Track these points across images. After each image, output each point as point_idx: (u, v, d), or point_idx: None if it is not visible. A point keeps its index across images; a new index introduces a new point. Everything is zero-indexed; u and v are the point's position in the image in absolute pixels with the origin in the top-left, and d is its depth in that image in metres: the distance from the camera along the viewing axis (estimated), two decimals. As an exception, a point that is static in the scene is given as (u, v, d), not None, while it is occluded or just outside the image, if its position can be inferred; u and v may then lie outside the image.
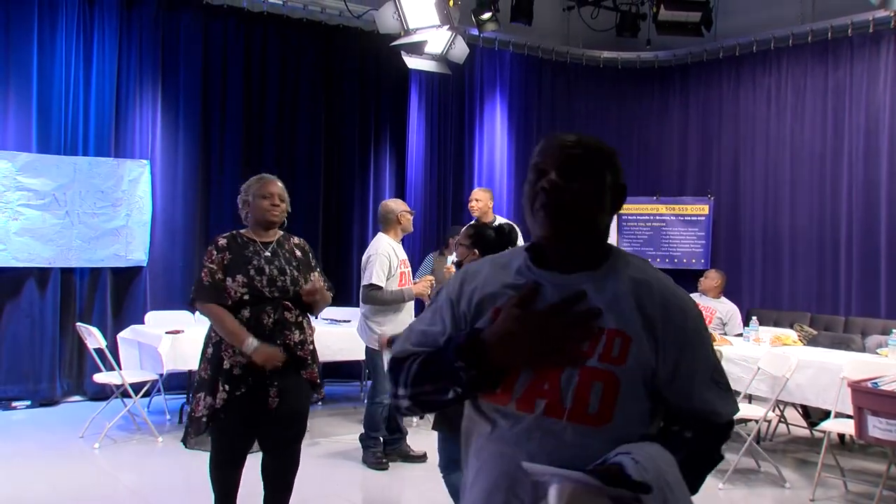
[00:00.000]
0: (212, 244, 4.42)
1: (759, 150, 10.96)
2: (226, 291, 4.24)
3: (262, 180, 4.52)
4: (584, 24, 11.08)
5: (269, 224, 4.45)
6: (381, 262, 6.55)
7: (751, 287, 10.83)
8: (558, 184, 1.89)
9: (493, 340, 1.84)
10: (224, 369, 4.20)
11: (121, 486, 6.13)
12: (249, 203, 4.46)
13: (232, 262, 4.28)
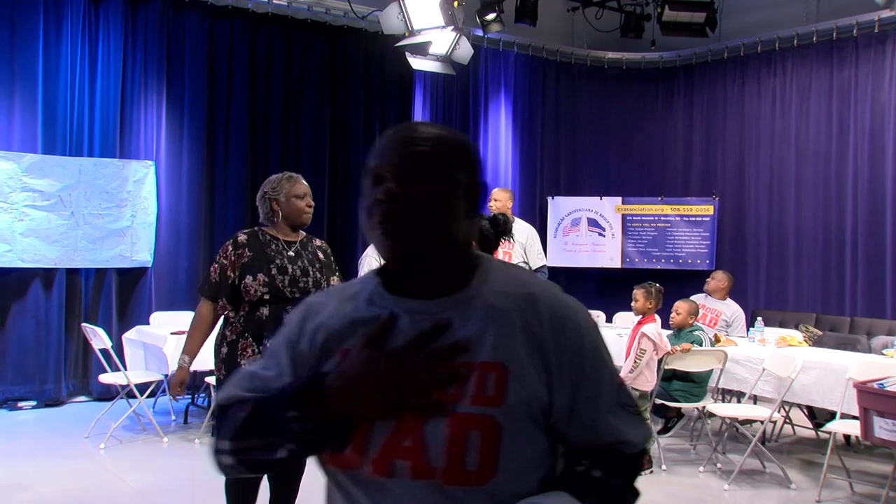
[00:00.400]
0: (231, 240, 4.33)
1: (763, 150, 10.97)
2: (245, 290, 4.14)
3: (293, 180, 4.43)
4: (588, 24, 11.10)
5: (302, 225, 4.40)
6: (368, 263, 6.62)
7: (756, 288, 10.85)
8: (396, 193, 1.53)
9: (335, 386, 1.46)
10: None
11: (126, 487, 6.13)
12: (280, 202, 4.35)
13: (253, 260, 4.20)
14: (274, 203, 4.37)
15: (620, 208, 11.57)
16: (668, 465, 6.69)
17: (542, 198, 11.62)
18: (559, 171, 11.93)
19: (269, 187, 4.42)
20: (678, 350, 6.66)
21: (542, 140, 11.81)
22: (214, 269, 4.23)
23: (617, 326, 8.66)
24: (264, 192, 4.43)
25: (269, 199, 4.39)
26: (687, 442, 7.53)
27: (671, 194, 11.57)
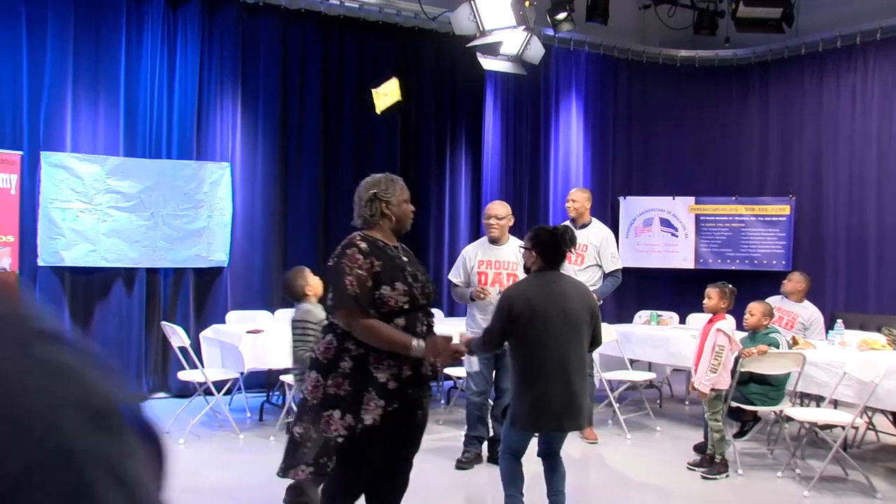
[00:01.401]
0: (351, 247, 3.98)
1: (842, 148, 10.79)
2: (383, 301, 3.87)
3: (399, 183, 4.28)
4: (660, 22, 11.03)
5: (406, 230, 4.28)
6: (458, 261, 6.79)
7: (834, 289, 10.67)
8: None
9: None
10: (378, 382, 3.80)
11: (204, 481, 6.25)
12: (392, 205, 4.19)
13: (386, 269, 3.94)
14: (385, 206, 4.18)
15: (693, 208, 11.48)
16: (744, 469, 6.63)
17: (613, 198, 11.58)
18: (631, 171, 11.88)
19: (378, 189, 4.21)
20: (754, 352, 6.59)
21: (614, 140, 11.76)
22: (350, 281, 3.84)
23: (690, 328, 8.60)
24: (374, 194, 4.19)
25: (381, 201, 4.18)
26: (764, 446, 7.44)
27: (746, 194, 11.44)
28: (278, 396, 8.40)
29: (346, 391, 3.80)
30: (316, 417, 3.86)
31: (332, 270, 3.95)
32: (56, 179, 8.43)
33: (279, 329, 7.85)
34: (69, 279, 8.60)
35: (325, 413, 3.80)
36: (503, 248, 6.76)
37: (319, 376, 3.88)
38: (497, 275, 6.64)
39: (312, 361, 4.00)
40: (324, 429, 3.82)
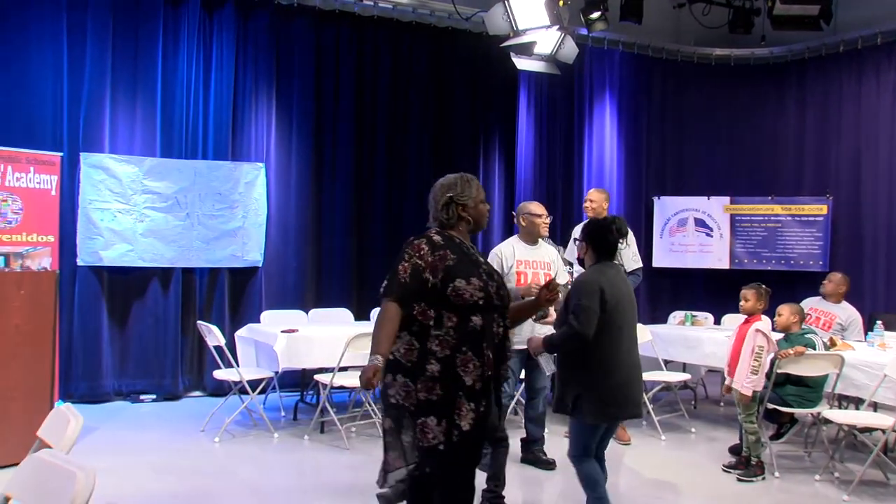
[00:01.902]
0: (421, 238, 3.95)
1: (882, 147, 10.70)
2: (457, 294, 3.79)
3: (475, 183, 4.16)
4: (695, 21, 10.99)
5: (481, 229, 4.22)
6: (490, 260, 6.57)
7: (873, 290, 10.57)
8: None
9: None
10: (466, 385, 3.74)
11: (240, 480, 6.32)
12: (469, 207, 4.08)
13: (461, 263, 3.87)
14: (461, 208, 4.07)
15: (729, 208, 11.43)
16: (780, 472, 6.60)
17: (647, 198, 11.56)
18: (665, 171, 11.85)
19: (454, 192, 4.09)
20: (791, 353, 6.53)
21: (648, 139, 11.74)
22: (405, 268, 3.82)
23: (726, 329, 8.56)
24: (450, 197, 4.07)
25: (458, 204, 4.07)
26: (801, 449, 7.39)
27: (782, 193, 11.37)
28: (312, 396, 8.44)
29: (437, 396, 3.73)
30: (414, 424, 3.76)
31: (397, 257, 3.90)
32: (94, 180, 8.55)
33: (314, 329, 7.93)
34: (107, 279, 8.72)
35: (420, 420, 3.72)
36: (540, 248, 6.73)
37: (408, 380, 3.78)
38: (535, 275, 6.57)
39: (393, 363, 3.83)
40: (420, 437, 3.72)
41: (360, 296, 9.78)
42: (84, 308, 8.59)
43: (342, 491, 6.07)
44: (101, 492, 2.74)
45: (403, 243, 3.95)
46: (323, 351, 7.38)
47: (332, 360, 7.16)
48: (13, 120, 8.25)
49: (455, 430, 3.68)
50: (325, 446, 7.21)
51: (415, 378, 3.75)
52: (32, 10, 8.39)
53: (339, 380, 7.26)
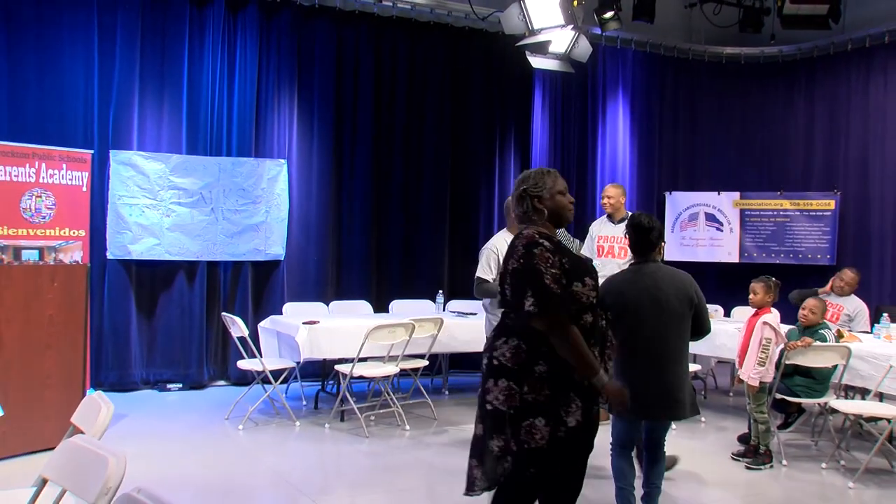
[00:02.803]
0: (537, 245, 3.66)
1: (889, 144, 10.69)
2: (577, 297, 3.64)
3: (553, 174, 3.94)
4: (706, 20, 10.99)
5: (567, 222, 3.98)
6: (487, 256, 6.48)
7: (880, 283, 10.56)
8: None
9: None
10: (576, 383, 3.59)
11: (262, 466, 6.38)
12: (544, 199, 3.87)
13: (573, 264, 3.68)
14: (536, 201, 3.86)
15: (738, 203, 11.42)
16: (788, 460, 6.63)
17: (659, 193, 11.56)
18: (677, 167, 11.85)
19: (528, 184, 3.92)
20: (799, 345, 6.55)
21: (660, 136, 11.74)
22: (550, 279, 3.55)
23: (735, 321, 8.57)
24: (523, 190, 3.91)
25: (531, 196, 3.88)
26: (808, 438, 7.43)
27: (791, 189, 11.36)
28: (332, 385, 8.48)
29: (545, 396, 3.56)
30: (515, 427, 3.56)
31: (522, 273, 3.62)
32: (123, 177, 8.62)
33: (334, 320, 7.98)
34: (135, 272, 8.80)
35: (526, 422, 3.54)
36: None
37: (512, 383, 3.59)
38: None
39: (496, 369, 3.65)
40: (526, 439, 3.54)
41: (378, 288, 9.84)
42: (113, 300, 8.66)
43: (362, 477, 6.14)
44: (130, 476, 2.79)
45: (516, 249, 3.68)
46: (343, 342, 7.42)
47: (352, 350, 7.21)
48: (47, 119, 8.33)
49: (561, 428, 3.54)
50: (345, 434, 7.26)
51: (520, 380, 3.57)
52: (65, 15, 8.47)
53: (359, 370, 7.32)
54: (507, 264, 3.71)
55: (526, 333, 3.59)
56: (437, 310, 8.93)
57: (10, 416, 4.54)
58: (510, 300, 3.66)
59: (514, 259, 3.65)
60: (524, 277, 3.59)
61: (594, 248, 7.82)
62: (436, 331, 7.69)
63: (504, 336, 3.67)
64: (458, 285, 10.11)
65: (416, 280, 9.92)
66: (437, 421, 7.80)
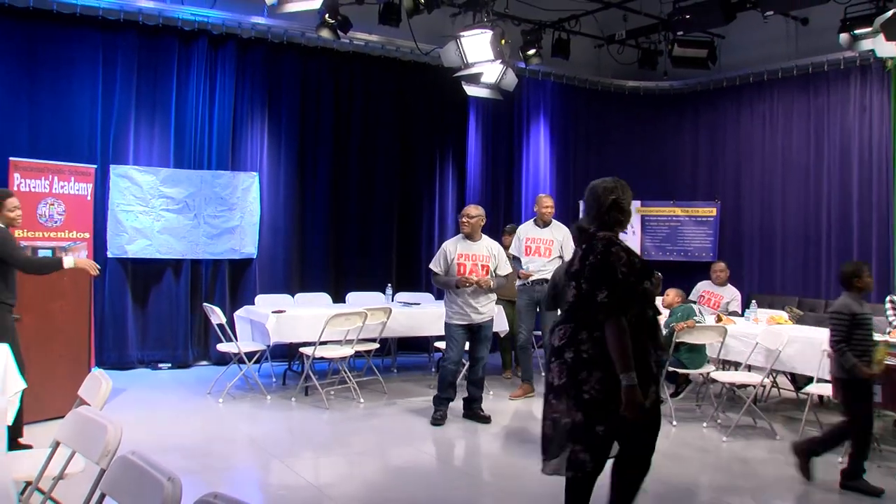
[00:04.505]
0: (613, 245, 3.59)
1: (756, 162, 11.04)
2: (648, 295, 3.61)
3: (629, 188, 3.82)
4: (612, 58, 11.13)
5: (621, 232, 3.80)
6: (439, 254, 6.81)
7: (750, 275, 10.89)
8: None
9: None
10: (650, 369, 3.56)
11: (239, 433, 6.42)
12: (625, 209, 3.76)
13: (643, 265, 3.63)
14: (620, 211, 3.75)
15: (640, 210, 11.61)
16: (677, 422, 6.84)
17: (574, 202, 11.68)
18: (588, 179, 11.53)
19: (616, 195, 3.75)
20: (685, 326, 6.80)
21: (575, 153, 11.82)
22: (621, 277, 3.51)
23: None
24: (614, 200, 3.74)
25: (619, 205, 3.75)
26: (693, 403, 7.66)
27: (681, 198, 11.59)
28: (298, 365, 8.46)
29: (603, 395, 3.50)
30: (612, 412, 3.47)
31: (599, 268, 3.55)
32: (121, 187, 8.57)
33: (298, 310, 8.00)
34: (131, 268, 8.75)
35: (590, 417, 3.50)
36: (478, 244, 6.81)
37: (604, 373, 3.49)
38: (473, 265, 6.70)
39: (587, 361, 3.54)
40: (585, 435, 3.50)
41: (336, 282, 9.81)
42: (112, 292, 8.62)
43: (323, 441, 6.21)
44: (127, 441, 2.84)
45: (595, 248, 3.61)
46: (306, 328, 7.42)
47: (314, 335, 7.23)
48: (58, 138, 8.30)
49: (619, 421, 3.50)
50: (308, 406, 7.29)
51: (610, 370, 3.47)
52: (76, 52, 8.45)
53: (320, 352, 7.36)
54: (585, 261, 3.62)
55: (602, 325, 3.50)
56: (387, 300, 8.92)
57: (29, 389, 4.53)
58: (585, 292, 3.58)
59: (592, 256, 3.58)
60: (601, 273, 3.53)
61: (522, 248, 7.94)
62: (385, 318, 7.70)
63: (585, 329, 3.57)
64: (405, 279, 10.21)
65: (368, 275, 9.90)
66: (388, 394, 7.85)
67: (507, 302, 8.41)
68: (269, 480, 5.30)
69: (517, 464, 5.69)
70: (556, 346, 3.69)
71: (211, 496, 1.96)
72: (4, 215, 5.28)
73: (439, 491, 5.08)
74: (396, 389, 8.11)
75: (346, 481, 5.23)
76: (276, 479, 5.27)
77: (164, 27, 8.83)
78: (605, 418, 3.50)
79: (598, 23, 10.55)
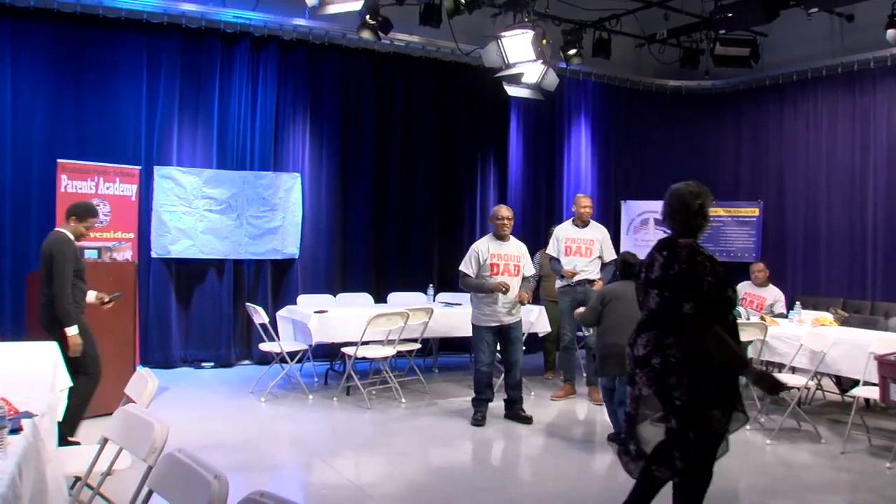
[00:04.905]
0: (698, 254, 3.57)
1: (799, 162, 10.86)
2: (729, 304, 3.60)
3: (709, 191, 3.80)
4: (653, 57, 11.04)
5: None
6: (470, 255, 6.76)
7: (793, 276, 10.71)
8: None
9: None
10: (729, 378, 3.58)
11: (280, 432, 6.48)
12: (707, 215, 3.75)
13: (725, 273, 3.58)
14: (703, 218, 3.73)
15: (681, 210, 11.48)
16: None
17: (615, 201, 11.62)
18: (629, 179, 11.86)
19: (703, 200, 3.73)
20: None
21: (616, 153, 11.75)
22: (707, 287, 3.49)
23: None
24: (700, 204, 3.71)
25: (705, 211, 3.73)
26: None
27: (724, 198, 11.43)
28: (340, 365, 8.50)
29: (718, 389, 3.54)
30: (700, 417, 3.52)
31: (684, 278, 3.53)
32: (164, 188, 8.68)
33: (340, 309, 8.03)
34: (174, 268, 8.85)
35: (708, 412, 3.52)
36: (508, 243, 6.79)
37: (692, 379, 3.52)
38: (506, 265, 6.68)
39: (674, 366, 3.55)
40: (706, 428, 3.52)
41: (378, 282, 9.83)
42: (157, 292, 8.72)
43: (365, 441, 6.23)
44: (172, 439, 2.88)
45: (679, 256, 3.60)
46: (348, 328, 7.43)
47: (356, 335, 7.24)
48: (105, 141, 8.42)
49: (728, 416, 3.57)
50: (350, 406, 7.32)
51: (698, 376, 3.50)
52: (121, 56, 8.57)
53: (362, 352, 7.36)
54: (668, 269, 3.58)
55: (688, 332, 3.52)
56: (428, 301, 8.94)
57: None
58: (669, 301, 3.56)
59: (676, 265, 3.56)
60: (686, 282, 3.51)
61: (562, 248, 7.89)
62: (427, 318, 7.71)
63: (671, 334, 3.56)
64: (446, 280, 10.20)
65: (409, 275, 9.93)
66: (429, 395, 7.85)
67: (550, 302, 8.37)
68: (311, 479, 5.34)
69: (559, 465, 5.67)
70: (640, 356, 3.68)
71: (257, 494, 1.98)
72: (77, 227, 5.49)
73: (480, 492, 5.07)
74: (438, 390, 8.11)
75: (387, 481, 5.24)
76: (318, 477, 5.31)
77: (207, 30, 8.92)
78: (695, 423, 3.52)
79: (638, 22, 10.48)
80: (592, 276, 7.68)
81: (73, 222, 5.49)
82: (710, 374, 3.51)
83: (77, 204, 5.70)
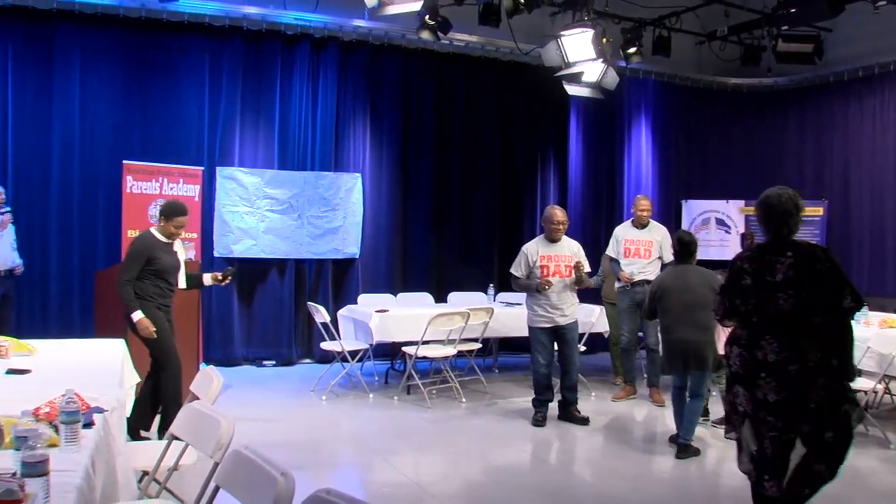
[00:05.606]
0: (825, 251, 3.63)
1: (865, 160, 10.57)
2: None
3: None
4: (714, 55, 10.84)
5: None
6: (520, 257, 6.75)
7: (859, 277, 10.34)
8: None
9: None
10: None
11: (341, 430, 6.51)
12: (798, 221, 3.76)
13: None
14: (800, 221, 3.77)
15: (744, 210, 11.26)
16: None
17: (676, 201, 11.44)
18: (691, 179, 11.68)
19: (799, 201, 3.78)
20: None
21: (677, 152, 11.59)
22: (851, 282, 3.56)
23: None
24: (796, 206, 3.77)
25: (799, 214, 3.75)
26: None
27: (788, 198, 11.17)
28: (400, 364, 8.49)
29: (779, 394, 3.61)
30: (838, 416, 3.60)
31: (835, 273, 3.55)
32: (227, 188, 8.78)
33: (401, 309, 8.04)
34: (237, 267, 8.88)
35: (842, 409, 3.60)
36: (559, 245, 6.71)
37: (830, 380, 3.57)
38: (556, 267, 6.61)
39: (813, 369, 3.56)
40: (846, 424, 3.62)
41: (438, 282, 9.82)
42: (219, 291, 8.72)
43: (425, 441, 6.22)
44: (236, 435, 2.88)
45: (817, 254, 3.61)
46: (409, 327, 7.43)
47: (417, 334, 7.24)
48: (169, 142, 8.57)
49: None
50: (410, 405, 7.31)
51: (832, 376, 3.58)
52: (184, 60, 8.72)
53: (423, 351, 7.36)
54: (804, 269, 3.55)
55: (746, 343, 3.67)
56: (489, 300, 8.89)
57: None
58: (816, 301, 3.53)
59: (819, 264, 3.54)
60: (840, 278, 3.52)
61: (621, 249, 7.79)
62: (487, 318, 7.68)
63: (806, 339, 3.57)
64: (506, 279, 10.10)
65: (470, 275, 9.88)
66: (489, 395, 7.81)
67: (609, 304, 8.27)
68: (373, 477, 5.34)
69: (618, 466, 5.58)
70: (770, 361, 3.62)
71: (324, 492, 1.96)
72: (166, 226, 5.58)
73: (539, 492, 5.00)
74: (498, 389, 8.05)
75: (446, 480, 5.22)
76: (379, 475, 5.30)
77: (268, 32, 9.01)
78: (833, 424, 3.55)
79: (699, 19, 10.27)
80: (651, 277, 7.55)
81: (162, 222, 5.61)
82: (841, 372, 3.57)
83: (165, 203, 5.81)
